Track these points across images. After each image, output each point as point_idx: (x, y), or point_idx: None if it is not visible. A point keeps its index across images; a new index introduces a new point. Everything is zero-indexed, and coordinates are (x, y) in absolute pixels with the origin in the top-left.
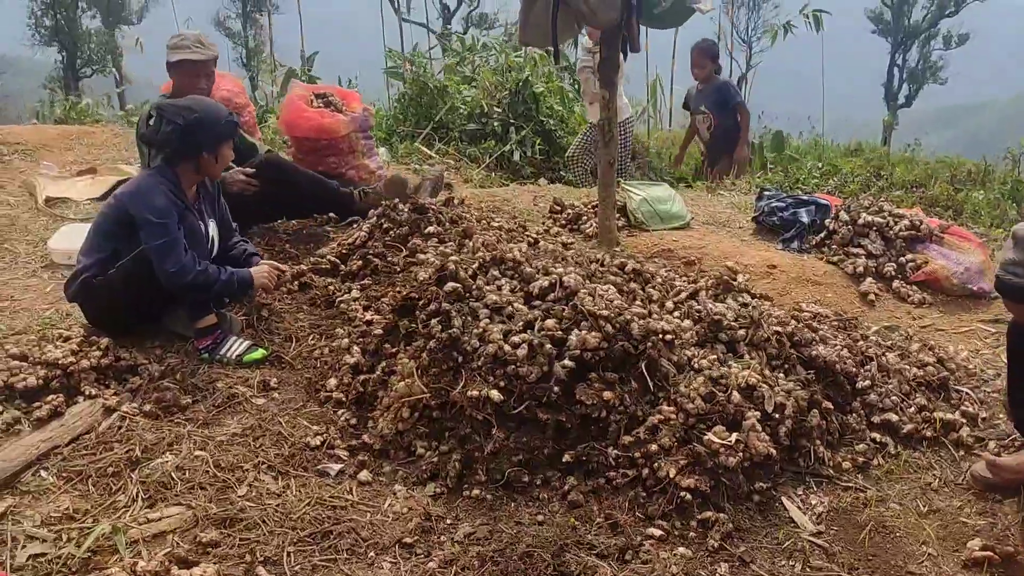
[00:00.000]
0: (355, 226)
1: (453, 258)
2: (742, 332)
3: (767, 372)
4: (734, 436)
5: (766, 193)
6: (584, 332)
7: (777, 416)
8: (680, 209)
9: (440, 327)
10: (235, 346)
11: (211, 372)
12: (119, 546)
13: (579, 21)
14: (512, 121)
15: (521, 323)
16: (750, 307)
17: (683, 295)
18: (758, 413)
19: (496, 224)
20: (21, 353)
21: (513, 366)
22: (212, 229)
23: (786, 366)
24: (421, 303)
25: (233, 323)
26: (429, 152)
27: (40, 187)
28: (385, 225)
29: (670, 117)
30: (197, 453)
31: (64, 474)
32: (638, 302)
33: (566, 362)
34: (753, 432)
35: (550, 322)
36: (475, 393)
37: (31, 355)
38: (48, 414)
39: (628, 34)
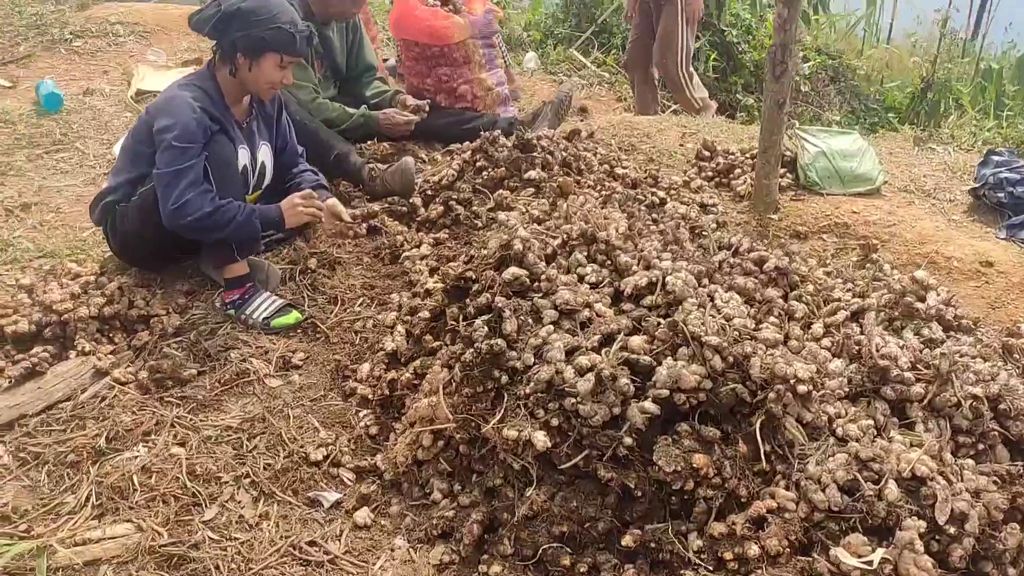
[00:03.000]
0: (450, 157)
1: (522, 233)
2: (918, 389)
3: (947, 456)
4: (879, 553)
5: (994, 157)
6: (681, 363)
7: (952, 531)
8: (870, 169)
9: (486, 330)
10: (264, 306)
11: (231, 335)
12: (39, 573)
13: None
14: None
15: (597, 337)
16: (939, 351)
17: (841, 315)
18: (923, 523)
19: (622, 170)
20: (31, 285)
21: (573, 400)
22: (264, 155)
23: (980, 446)
24: (474, 289)
25: (271, 275)
26: (584, 60)
27: (138, 77)
28: (479, 163)
29: (890, 28)
30: (174, 450)
31: (22, 453)
32: (773, 318)
33: (648, 405)
34: (910, 551)
35: (637, 340)
36: (513, 433)
37: (37, 289)
38: (22, 374)
39: None
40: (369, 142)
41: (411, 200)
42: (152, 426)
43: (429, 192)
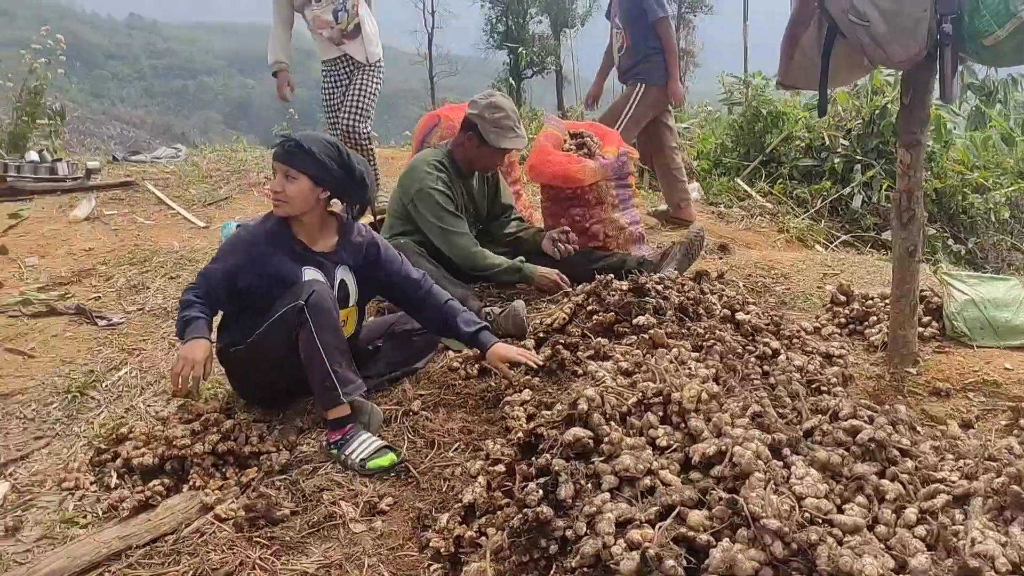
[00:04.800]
0: (565, 300)
1: (589, 392)
2: None
3: None
4: None
5: None
6: (738, 546)
7: None
8: None
9: (540, 493)
10: (362, 447)
11: (328, 476)
12: None
13: (869, 57)
14: (859, 158)
15: (656, 508)
16: None
17: (940, 500)
18: None
19: (743, 316)
20: (167, 417)
21: None
22: (343, 273)
23: None
24: (540, 447)
25: (373, 417)
26: (749, 189)
27: None
28: (591, 306)
29: None
30: None
31: None
32: (861, 498)
33: None
34: None
35: (696, 516)
36: None
37: (171, 422)
38: (135, 506)
39: (940, 75)
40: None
41: (523, 343)
42: (236, 566)
43: (542, 335)
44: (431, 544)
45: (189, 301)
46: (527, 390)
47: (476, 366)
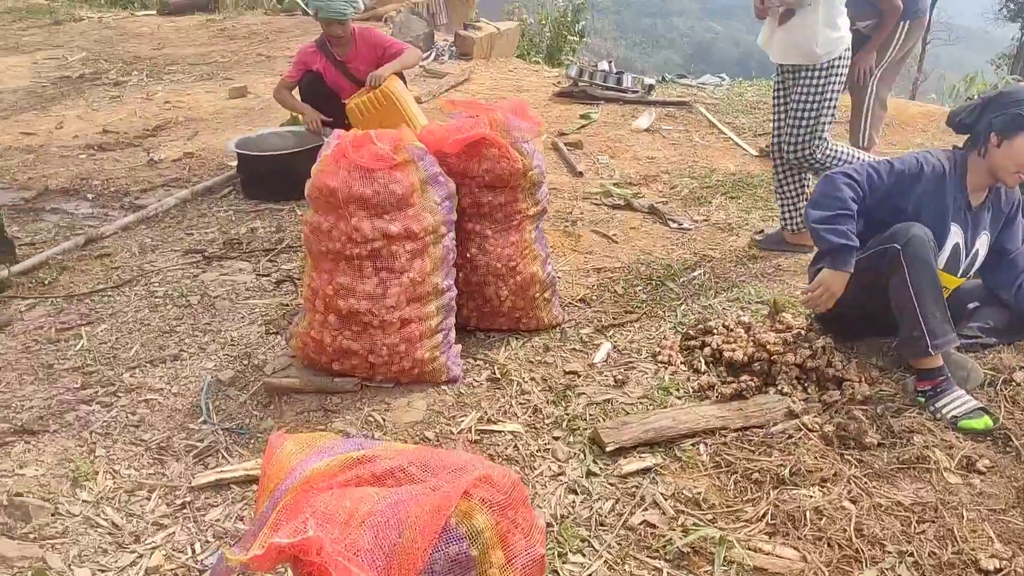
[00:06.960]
0: None
1: None
2: None
3: None
4: None
5: None
6: None
7: None
8: None
9: None
10: (955, 404)
11: (917, 420)
12: (716, 558)
13: None
14: None
15: None
16: None
17: None
18: None
19: None
20: (749, 324)
21: None
22: (981, 244)
23: None
24: None
25: (972, 375)
26: None
27: None
28: None
29: None
30: (845, 504)
31: (717, 457)
32: None
33: None
34: None
35: None
36: None
37: (755, 328)
38: (731, 393)
39: None
40: None
41: None
42: (830, 475)
43: None
44: None
45: (846, 212)
46: None
47: None
